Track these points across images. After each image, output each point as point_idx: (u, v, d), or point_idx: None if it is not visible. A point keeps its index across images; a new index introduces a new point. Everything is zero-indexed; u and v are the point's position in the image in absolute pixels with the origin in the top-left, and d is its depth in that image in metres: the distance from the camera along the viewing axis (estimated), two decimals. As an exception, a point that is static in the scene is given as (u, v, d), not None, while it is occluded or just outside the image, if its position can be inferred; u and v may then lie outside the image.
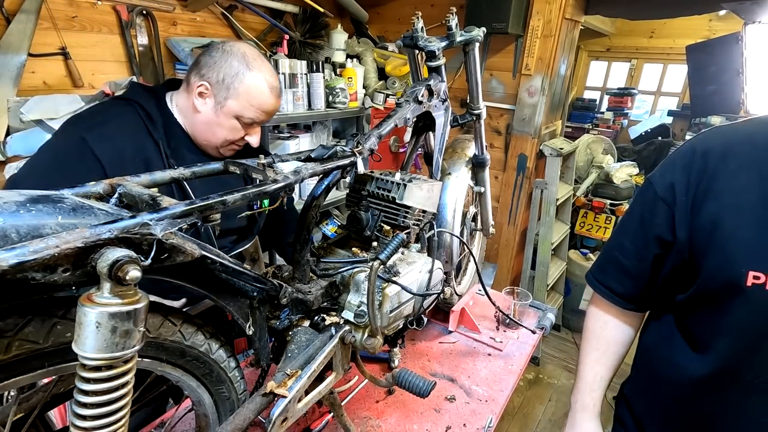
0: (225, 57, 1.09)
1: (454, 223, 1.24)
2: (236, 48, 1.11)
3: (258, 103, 1.12)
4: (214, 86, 1.09)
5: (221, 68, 1.09)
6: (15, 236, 0.43)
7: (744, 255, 0.68)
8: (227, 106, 1.10)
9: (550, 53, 2.43)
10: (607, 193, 3.53)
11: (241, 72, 1.09)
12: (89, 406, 0.48)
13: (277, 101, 1.17)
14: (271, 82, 1.13)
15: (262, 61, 1.13)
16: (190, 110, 1.13)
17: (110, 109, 1.12)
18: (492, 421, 1.08)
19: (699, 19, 4.65)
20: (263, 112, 1.14)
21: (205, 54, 1.12)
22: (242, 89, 1.09)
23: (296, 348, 0.80)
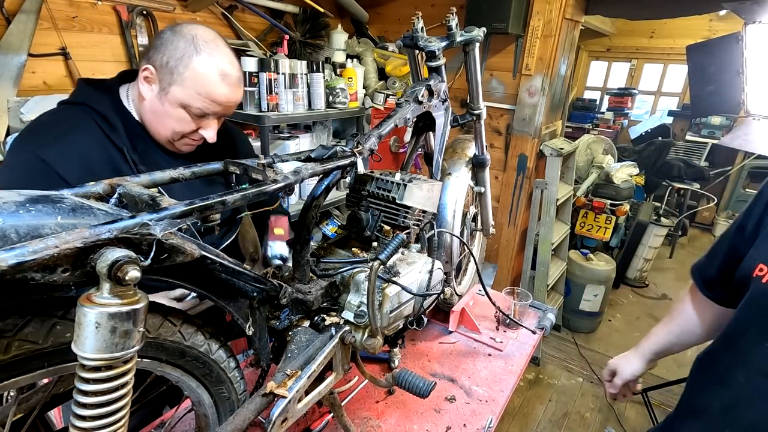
0: (173, 38, 0.97)
1: (454, 223, 1.24)
2: (187, 29, 0.98)
3: (206, 92, 0.99)
4: (159, 70, 0.97)
5: (167, 50, 0.96)
6: (14, 236, 0.43)
7: (763, 247, 0.73)
8: (171, 93, 0.98)
9: (551, 53, 2.43)
10: (607, 194, 3.53)
11: (188, 55, 0.96)
12: (89, 406, 0.48)
13: (232, 91, 1.03)
14: (223, 68, 1.00)
15: (215, 45, 0.99)
16: (138, 98, 1.03)
17: (63, 118, 1.00)
18: (492, 421, 1.08)
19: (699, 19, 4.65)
20: (213, 102, 1.01)
21: (156, 36, 1.00)
22: (187, 74, 0.97)
23: (296, 348, 0.80)
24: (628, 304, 3.88)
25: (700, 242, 5.33)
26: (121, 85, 1.07)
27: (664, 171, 4.42)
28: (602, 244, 3.75)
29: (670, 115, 5.72)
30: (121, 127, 1.01)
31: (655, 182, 4.44)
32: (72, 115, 0.99)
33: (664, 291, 4.12)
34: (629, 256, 4.03)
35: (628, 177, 3.58)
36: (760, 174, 5.10)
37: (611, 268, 3.28)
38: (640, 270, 4.06)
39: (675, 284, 4.26)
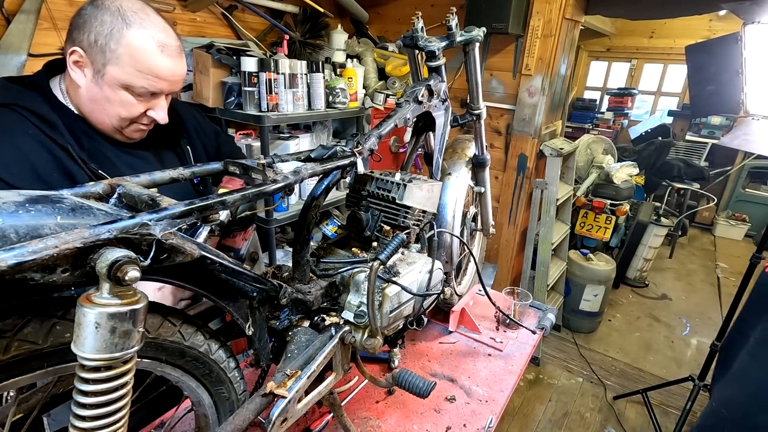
0: (96, 12, 0.86)
1: (454, 223, 1.24)
2: (110, 2, 0.88)
3: (147, 67, 0.89)
4: (88, 51, 0.87)
5: (92, 27, 0.86)
6: (14, 236, 0.43)
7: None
8: (108, 74, 0.88)
9: (550, 53, 2.43)
10: (607, 193, 3.53)
11: (117, 29, 0.86)
12: (88, 406, 0.48)
13: (175, 63, 0.94)
14: (160, 38, 0.90)
15: (146, 14, 0.90)
16: (71, 88, 0.92)
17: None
18: (492, 421, 1.08)
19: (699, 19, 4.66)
20: (158, 78, 0.92)
21: (76, 14, 0.89)
22: (121, 51, 0.87)
23: (296, 348, 0.80)
24: (628, 304, 3.88)
25: (700, 242, 5.33)
26: (51, 79, 0.96)
27: (664, 171, 4.42)
28: (602, 244, 3.75)
29: (669, 115, 5.72)
30: (60, 124, 0.92)
31: (655, 182, 4.45)
32: (1, 121, 0.88)
33: (664, 291, 4.12)
34: (629, 256, 4.04)
35: (628, 177, 3.58)
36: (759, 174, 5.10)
37: (611, 268, 3.28)
38: (640, 270, 4.06)
39: (675, 284, 4.26)
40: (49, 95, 0.94)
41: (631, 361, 3.08)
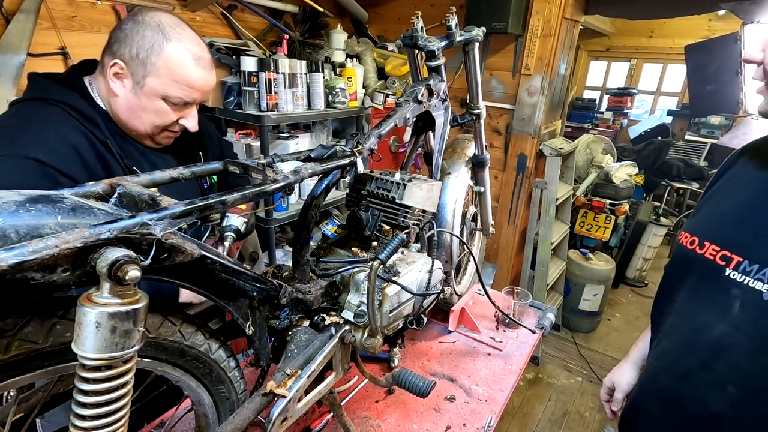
0: (137, 28, 0.93)
1: (454, 222, 1.24)
2: (149, 17, 0.95)
3: (183, 78, 0.97)
4: (129, 63, 0.94)
5: (134, 41, 0.93)
6: (14, 236, 0.43)
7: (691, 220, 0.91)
8: (148, 86, 0.95)
9: (550, 53, 2.43)
10: (606, 193, 3.53)
11: (158, 43, 0.93)
12: (89, 406, 0.48)
13: (207, 74, 1.01)
14: (195, 51, 0.97)
15: (182, 29, 0.97)
16: (110, 95, 0.98)
17: (31, 115, 0.93)
18: (492, 420, 1.08)
19: (698, 19, 4.66)
20: (192, 89, 0.99)
21: (116, 28, 0.95)
22: (161, 64, 0.94)
23: (296, 348, 0.80)
24: (628, 304, 3.89)
25: (699, 242, 5.33)
26: (84, 78, 1.01)
27: (664, 170, 4.43)
28: (602, 243, 3.76)
29: (669, 115, 5.72)
30: (100, 121, 0.97)
31: (655, 182, 4.45)
32: (41, 112, 0.92)
33: (663, 290, 4.13)
34: (629, 256, 4.04)
35: (628, 177, 3.58)
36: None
37: (611, 268, 3.28)
38: (640, 269, 4.06)
39: (674, 284, 4.27)
40: (86, 94, 0.99)
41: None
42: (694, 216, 0.91)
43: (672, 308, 0.88)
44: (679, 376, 0.81)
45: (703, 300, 0.80)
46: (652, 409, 0.87)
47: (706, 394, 0.76)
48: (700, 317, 0.79)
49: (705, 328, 0.78)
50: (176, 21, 0.98)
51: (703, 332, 0.78)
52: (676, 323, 0.86)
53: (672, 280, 0.90)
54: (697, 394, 0.78)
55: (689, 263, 0.84)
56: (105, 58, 0.97)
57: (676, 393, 0.82)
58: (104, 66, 0.97)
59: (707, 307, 0.79)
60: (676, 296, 0.87)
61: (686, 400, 0.80)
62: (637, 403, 0.94)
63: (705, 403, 0.76)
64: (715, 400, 0.75)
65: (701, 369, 0.77)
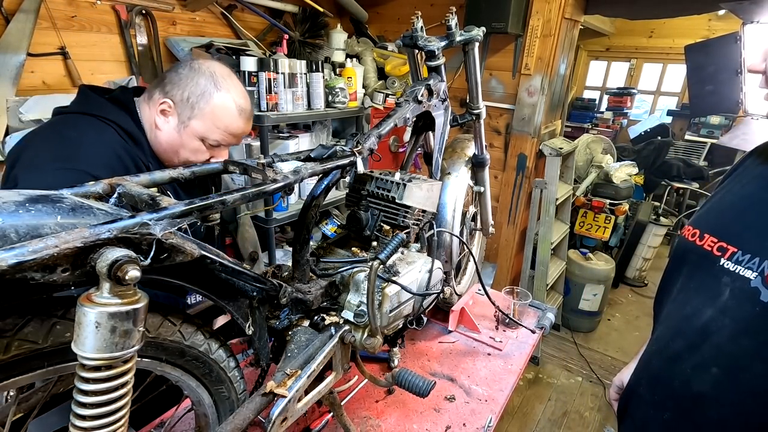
0: (192, 74, 1.03)
1: (454, 222, 1.24)
2: (205, 66, 1.05)
3: (225, 125, 1.06)
4: (178, 104, 1.03)
5: (187, 86, 1.02)
6: (14, 236, 0.43)
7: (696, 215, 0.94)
8: (191, 127, 1.05)
9: (550, 53, 2.43)
10: (606, 193, 3.53)
11: (209, 91, 1.03)
12: (89, 406, 0.48)
13: (246, 124, 1.11)
14: (240, 104, 1.07)
15: (232, 81, 1.07)
16: (153, 126, 1.07)
17: (88, 130, 0.99)
18: (492, 420, 1.08)
19: (698, 19, 4.66)
20: (230, 135, 1.09)
21: (172, 69, 1.06)
22: (208, 110, 1.04)
23: (296, 348, 0.80)
24: (628, 304, 3.89)
25: (699, 242, 5.33)
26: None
27: (663, 170, 4.42)
28: (601, 243, 3.75)
29: (669, 115, 5.72)
30: (145, 144, 1.06)
31: (655, 182, 4.45)
32: (97, 129, 0.98)
33: (663, 290, 4.13)
34: (628, 256, 4.04)
35: (628, 176, 3.58)
36: (759, 173, 5.09)
37: (610, 268, 3.28)
38: (640, 269, 4.07)
39: (674, 284, 4.27)
40: (135, 117, 1.06)
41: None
42: (699, 211, 0.95)
43: (669, 298, 0.91)
44: (668, 359, 0.85)
45: (695, 288, 0.84)
46: (643, 392, 0.91)
47: (692, 375, 0.80)
48: (692, 304, 0.83)
49: (695, 314, 0.81)
50: (228, 72, 1.08)
51: (693, 318, 0.81)
52: (670, 311, 0.89)
53: (671, 272, 0.94)
54: (683, 376, 0.81)
55: (688, 254, 0.87)
56: (155, 93, 1.05)
57: (665, 375, 0.85)
58: (153, 99, 1.05)
59: (700, 295, 0.82)
60: (673, 287, 0.90)
61: (673, 381, 0.83)
62: (630, 388, 0.98)
63: (690, 383, 0.80)
64: (699, 380, 0.79)
65: (688, 351, 0.81)
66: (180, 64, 1.06)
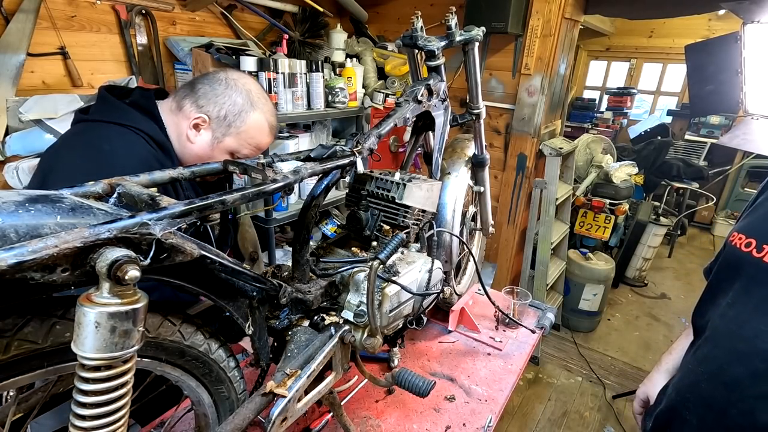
0: (229, 92, 1.05)
1: (454, 222, 1.24)
2: (241, 83, 1.07)
3: (256, 142, 1.11)
4: (214, 121, 1.05)
5: (224, 104, 1.04)
6: (14, 236, 0.43)
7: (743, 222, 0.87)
8: (225, 143, 1.07)
9: (550, 53, 2.43)
10: (606, 193, 3.53)
11: (245, 111, 1.06)
12: (88, 406, 0.48)
13: (272, 138, 1.16)
14: (271, 121, 1.12)
15: (265, 99, 1.11)
16: (182, 138, 1.07)
17: (119, 142, 0.98)
18: (491, 420, 1.08)
19: (698, 19, 4.66)
20: (258, 149, 1.13)
21: (205, 82, 1.05)
22: (243, 128, 1.07)
23: (296, 348, 0.80)
24: (627, 304, 3.89)
25: (699, 241, 5.34)
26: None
27: (663, 170, 4.42)
28: (601, 243, 3.75)
29: (669, 115, 5.72)
30: (173, 152, 1.06)
31: (654, 181, 4.45)
32: (128, 140, 0.99)
33: (663, 290, 4.13)
34: (628, 256, 4.04)
35: (627, 176, 3.58)
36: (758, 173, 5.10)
37: (610, 268, 3.28)
38: (639, 269, 4.07)
39: (674, 283, 4.27)
40: (161, 125, 1.06)
41: (630, 360, 3.08)
42: (749, 216, 0.87)
43: (716, 312, 0.84)
44: (723, 385, 0.78)
45: (756, 306, 0.76)
46: (690, 417, 0.84)
47: (756, 405, 0.73)
48: (753, 324, 0.75)
49: (759, 336, 0.74)
50: (259, 89, 1.11)
51: (755, 340, 0.74)
52: (720, 327, 0.82)
53: (719, 282, 0.86)
54: (745, 405, 0.75)
55: (743, 266, 0.80)
56: (186, 105, 1.05)
57: (720, 402, 0.78)
58: (183, 111, 1.05)
59: (762, 314, 0.75)
60: (722, 300, 0.83)
61: (730, 410, 0.76)
62: (673, 408, 0.90)
63: (754, 414, 0.74)
64: (766, 411, 0.73)
65: (752, 379, 0.74)
66: (214, 79, 1.06)
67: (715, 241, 5.28)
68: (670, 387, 0.94)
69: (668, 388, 0.95)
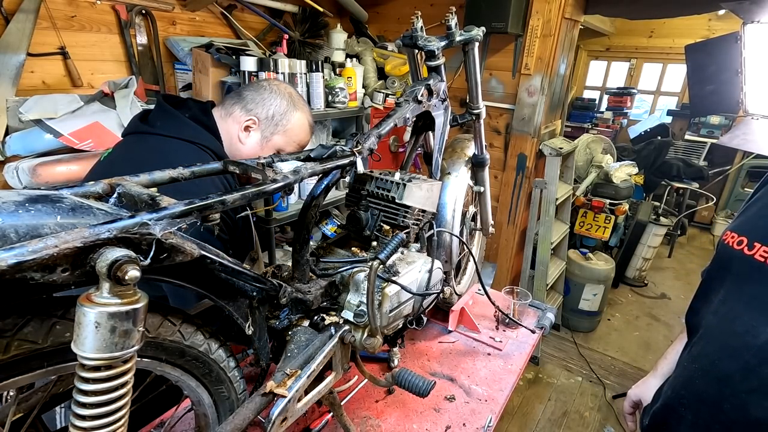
0: (273, 96, 1.18)
1: (454, 222, 1.24)
2: (282, 87, 1.21)
3: (299, 140, 1.23)
4: (263, 122, 1.17)
5: (271, 106, 1.18)
6: (14, 236, 0.43)
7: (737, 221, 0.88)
8: (273, 141, 1.19)
9: (550, 53, 2.43)
10: (606, 193, 3.53)
11: (290, 111, 1.19)
12: (88, 406, 0.48)
13: (311, 137, 1.29)
14: (311, 121, 1.25)
15: (304, 102, 1.25)
16: (233, 141, 1.18)
17: (188, 156, 1.05)
18: (491, 420, 1.08)
19: (698, 19, 4.66)
20: (300, 146, 1.25)
21: (251, 89, 1.20)
22: (289, 126, 1.20)
23: (296, 348, 0.80)
24: (627, 304, 3.89)
25: (699, 242, 5.34)
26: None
27: (663, 170, 4.42)
28: (601, 243, 3.75)
29: (669, 115, 5.72)
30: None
31: (654, 181, 4.45)
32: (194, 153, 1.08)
33: (663, 290, 4.13)
34: (628, 256, 4.04)
35: (627, 176, 3.58)
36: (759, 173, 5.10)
37: (610, 268, 3.28)
38: (639, 269, 4.07)
39: (674, 284, 4.27)
40: (219, 137, 1.17)
41: (630, 360, 3.08)
42: (741, 215, 0.88)
43: (709, 309, 0.85)
44: (717, 380, 0.79)
45: (747, 302, 0.77)
46: (685, 413, 0.85)
47: (748, 400, 0.74)
48: (743, 320, 0.76)
49: (750, 332, 0.75)
50: (298, 93, 1.25)
51: (747, 336, 0.75)
52: (713, 324, 0.83)
53: (711, 281, 0.87)
54: (737, 400, 0.75)
55: (734, 263, 0.81)
56: (237, 110, 1.17)
57: (713, 397, 0.79)
58: (233, 116, 1.17)
59: (753, 311, 0.76)
60: (714, 297, 0.84)
61: (723, 405, 0.77)
62: (669, 405, 0.91)
63: (746, 408, 0.74)
64: (757, 405, 0.73)
65: (743, 373, 0.75)
66: (259, 86, 1.20)
67: (716, 242, 5.27)
68: (666, 385, 0.95)
69: (664, 387, 0.96)
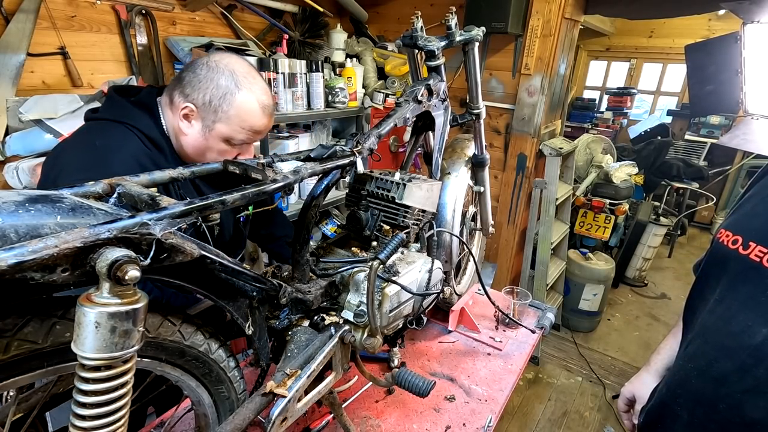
0: (211, 75, 0.98)
1: (454, 222, 1.24)
2: (223, 63, 1.00)
3: (249, 125, 1.03)
4: (201, 108, 0.99)
5: (207, 88, 0.98)
6: (14, 236, 0.43)
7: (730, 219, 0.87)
8: (216, 130, 1.02)
9: (550, 53, 2.43)
10: (606, 193, 3.53)
11: (230, 92, 0.99)
12: (88, 406, 0.48)
13: (270, 120, 1.08)
14: (263, 101, 1.04)
15: (253, 78, 1.03)
16: (177, 131, 1.04)
17: (112, 139, 0.97)
18: (491, 420, 1.08)
19: (698, 19, 4.66)
20: (255, 133, 1.07)
21: (189, 69, 1.01)
22: (232, 112, 1.00)
23: (296, 348, 0.80)
24: (627, 304, 3.89)
25: (699, 241, 5.34)
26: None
27: (663, 170, 4.42)
28: (601, 243, 3.75)
29: (669, 115, 5.72)
30: (167, 150, 1.04)
31: (654, 181, 4.45)
32: (121, 137, 0.98)
33: (663, 290, 4.13)
34: (628, 256, 4.04)
35: (627, 176, 3.58)
36: (758, 173, 5.10)
37: (610, 268, 3.28)
38: (639, 269, 4.06)
39: (674, 283, 4.27)
40: (158, 121, 1.04)
41: (630, 360, 3.08)
42: (735, 213, 0.87)
43: (704, 308, 0.85)
44: (712, 380, 0.79)
45: (742, 302, 0.77)
46: (680, 412, 0.84)
47: (743, 400, 0.74)
48: (739, 320, 0.76)
49: (745, 332, 0.74)
50: (248, 68, 1.03)
51: (743, 336, 0.75)
52: (708, 323, 0.83)
53: (707, 279, 0.87)
54: (732, 399, 0.75)
55: (729, 262, 0.80)
56: (176, 97, 1.01)
57: (708, 397, 0.79)
58: (174, 103, 1.02)
59: (749, 311, 0.75)
60: (710, 296, 0.84)
61: (719, 404, 0.77)
62: (664, 404, 0.91)
63: (741, 408, 0.74)
64: (752, 405, 0.73)
65: (738, 373, 0.75)
66: (197, 64, 1.00)
67: (715, 241, 5.27)
68: (662, 383, 0.95)
69: (660, 385, 0.95)
